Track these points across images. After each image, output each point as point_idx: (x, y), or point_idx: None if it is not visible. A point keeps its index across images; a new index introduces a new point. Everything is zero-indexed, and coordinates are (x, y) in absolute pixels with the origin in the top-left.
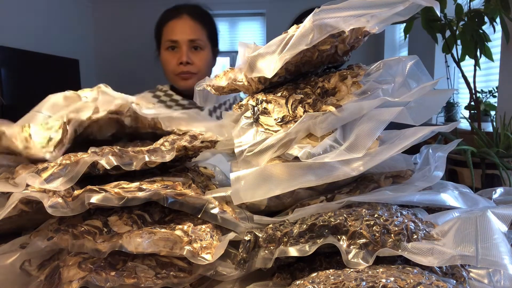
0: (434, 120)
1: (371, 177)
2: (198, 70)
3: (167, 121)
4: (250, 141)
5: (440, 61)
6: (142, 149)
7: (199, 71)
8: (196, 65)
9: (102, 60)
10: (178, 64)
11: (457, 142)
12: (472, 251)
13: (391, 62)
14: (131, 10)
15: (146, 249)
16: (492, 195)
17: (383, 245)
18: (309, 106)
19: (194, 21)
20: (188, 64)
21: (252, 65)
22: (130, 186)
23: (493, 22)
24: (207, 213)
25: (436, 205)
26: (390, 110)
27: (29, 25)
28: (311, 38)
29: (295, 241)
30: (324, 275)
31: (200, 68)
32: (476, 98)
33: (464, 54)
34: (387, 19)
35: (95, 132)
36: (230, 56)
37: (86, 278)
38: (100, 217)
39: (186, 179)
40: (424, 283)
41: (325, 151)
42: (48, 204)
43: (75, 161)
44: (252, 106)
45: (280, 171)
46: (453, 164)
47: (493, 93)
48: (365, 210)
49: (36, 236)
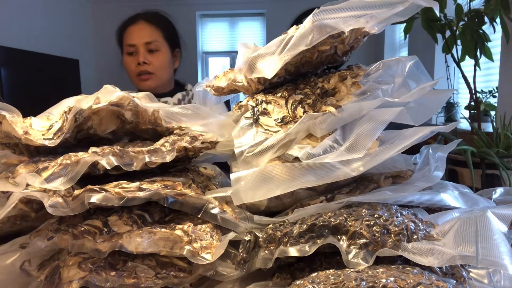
0: (434, 120)
1: (371, 178)
2: (155, 70)
3: (167, 117)
4: (250, 141)
5: (440, 61)
6: (143, 149)
7: (156, 71)
8: (153, 65)
9: (102, 60)
10: (137, 65)
11: (457, 142)
12: (472, 251)
13: (391, 62)
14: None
15: (146, 249)
16: (492, 195)
17: (383, 245)
18: (309, 107)
19: (149, 24)
20: (145, 64)
21: (252, 65)
22: (130, 186)
23: (493, 22)
24: (207, 213)
25: (436, 205)
26: (390, 110)
27: (29, 25)
28: (311, 39)
29: (295, 241)
30: (324, 275)
31: (157, 68)
32: (476, 98)
33: (464, 54)
34: (386, 19)
35: (95, 125)
36: (230, 56)
37: (86, 278)
38: (100, 217)
39: (186, 179)
40: (424, 283)
41: (325, 152)
42: (48, 203)
43: (75, 161)
44: (252, 107)
45: (280, 172)
46: (453, 164)
47: (493, 93)
48: (365, 210)
49: (36, 236)
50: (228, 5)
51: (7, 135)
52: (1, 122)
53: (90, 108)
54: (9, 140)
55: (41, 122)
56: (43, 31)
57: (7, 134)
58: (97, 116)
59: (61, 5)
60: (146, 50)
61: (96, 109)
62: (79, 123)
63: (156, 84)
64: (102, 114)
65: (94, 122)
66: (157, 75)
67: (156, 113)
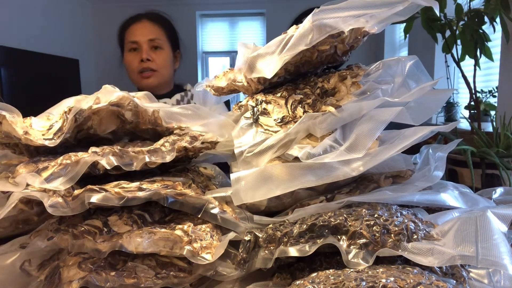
0: (434, 120)
1: (371, 177)
2: (158, 67)
3: (167, 117)
4: (250, 141)
5: (440, 61)
6: (143, 149)
7: (159, 69)
8: (156, 62)
9: (102, 60)
10: (140, 61)
11: (457, 142)
12: (472, 251)
13: (391, 62)
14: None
15: (146, 249)
16: (492, 195)
17: (383, 245)
18: (309, 107)
19: (153, 23)
20: (148, 61)
21: (252, 65)
22: (130, 185)
23: (493, 22)
24: (207, 213)
25: (436, 205)
26: (390, 110)
27: (29, 25)
28: (311, 39)
29: (295, 241)
30: (324, 275)
31: (160, 66)
32: (476, 98)
33: (464, 54)
34: (386, 19)
35: (95, 125)
36: (230, 56)
37: (86, 278)
38: (100, 217)
39: (186, 179)
40: (424, 283)
41: (325, 152)
42: (48, 203)
43: (75, 161)
44: (252, 107)
45: (280, 172)
46: (453, 164)
47: (493, 93)
48: (365, 210)
49: (36, 236)
50: (228, 5)
51: (7, 135)
52: (1, 122)
53: (90, 108)
54: (9, 140)
55: (41, 122)
56: (43, 31)
57: (7, 134)
58: (97, 116)
59: (61, 5)
60: (149, 47)
61: (96, 109)
62: (79, 123)
63: (158, 82)
64: (102, 114)
65: (94, 122)
66: (159, 73)
67: (156, 113)
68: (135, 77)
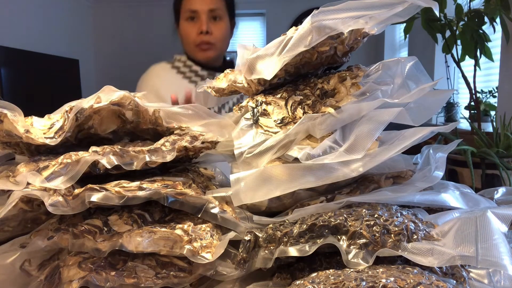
0: (434, 120)
1: (371, 178)
2: (217, 40)
3: (167, 116)
4: (249, 142)
5: (440, 61)
6: (143, 149)
7: (218, 42)
8: (215, 35)
9: (102, 60)
10: (198, 33)
11: (457, 142)
12: (472, 251)
13: (390, 63)
14: (131, 10)
15: (146, 248)
16: (494, 195)
17: (383, 245)
18: (309, 108)
19: None
20: (208, 34)
21: (252, 67)
22: (130, 185)
23: (493, 22)
24: (207, 213)
25: (436, 205)
26: (389, 111)
27: (29, 25)
28: (310, 40)
29: (295, 241)
30: (324, 275)
31: (219, 39)
32: (476, 98)
33: (464, 54)
34: (386, 20)
35: (96, 125)
36: (230, 56)
37: (86, 278)
38: (100, 216)
39: (187, 179)
40: (424, 283)
41: (325, 152)
42: (49, 202)
43: (76, 160)
44: (252, 108)
45: (280, 173)
46: (453, 164)
47: (493, 93)
48: (365, 210)
49: (36, 236)
50: None
51: (8, 133)
52: (3, 120)
53: (91, 107)
54: (10, 139)
55: (42, 121)
56: (43, 31)
57: (8, 132)
58: (98, 115)
59: (61, 5)
60: (208, 17)
61: (97, 108)
62: (80, 122)
63: (215, 55)
64: (103, 113)
65: (95, 121)
66: (217, 46)
67: (156, 112)
68: (191, 49)
